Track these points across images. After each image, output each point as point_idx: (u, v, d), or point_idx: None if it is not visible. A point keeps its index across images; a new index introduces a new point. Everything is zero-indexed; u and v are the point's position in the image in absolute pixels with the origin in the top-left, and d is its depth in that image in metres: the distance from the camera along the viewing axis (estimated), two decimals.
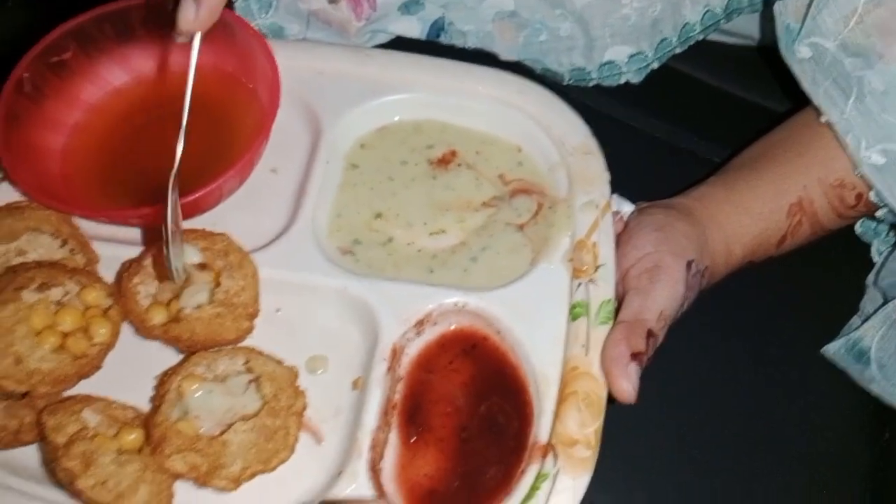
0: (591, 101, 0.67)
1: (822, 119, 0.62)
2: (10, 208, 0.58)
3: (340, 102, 0.66)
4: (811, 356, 0.69)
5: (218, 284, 0.55)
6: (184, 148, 0.54)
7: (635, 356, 0.53)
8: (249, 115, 0.63)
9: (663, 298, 0.56)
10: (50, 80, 0.63)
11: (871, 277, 0.71)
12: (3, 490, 0.52)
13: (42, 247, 0.58)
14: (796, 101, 0.66)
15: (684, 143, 0.77)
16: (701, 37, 0.77)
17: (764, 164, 0.65)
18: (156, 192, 0.60)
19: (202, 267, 0.55)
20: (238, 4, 0.73)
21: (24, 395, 0.52)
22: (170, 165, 0.52)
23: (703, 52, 0.78)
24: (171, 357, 0.57)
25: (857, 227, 0.71)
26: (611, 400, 0.55)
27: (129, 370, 0.56)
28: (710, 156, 0.74)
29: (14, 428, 0.52)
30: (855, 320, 0.70)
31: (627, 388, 0.52)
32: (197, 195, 0.56)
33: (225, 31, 0.63)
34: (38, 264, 0.54)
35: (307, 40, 0.74)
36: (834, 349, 0.68)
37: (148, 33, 0.66)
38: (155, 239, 0.59)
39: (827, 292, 0.73)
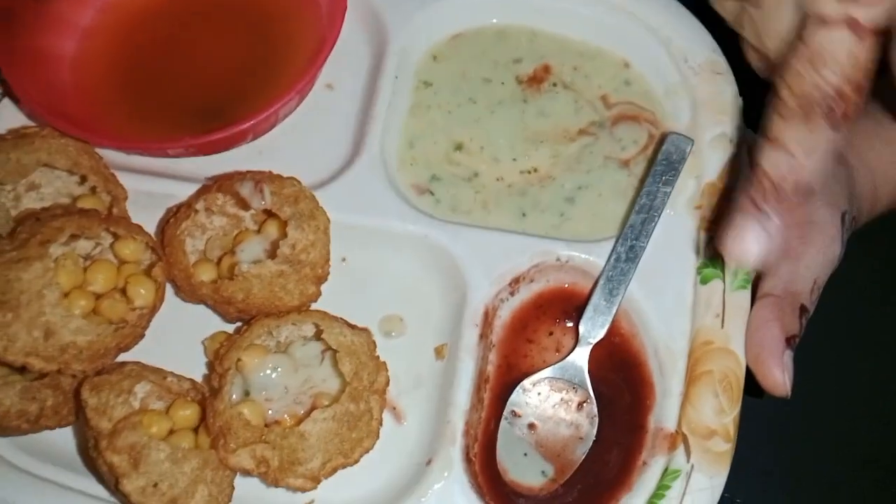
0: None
1: None
2: (17, 137, 0.46)
3: (408, 1, 0.55)
4: None
5: (284, 236, 0.45)
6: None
7: (789, 340, 0.44)
8: (305, 18, 0.51)
9: (817, 264, 0.46)
10: None
11: None
12: (30, 479, 0.44)
13: (57, 181, 0.47)
14: None
15: None
16: None
17: None
18: (193, 110, 0.49)
19: (268, 214, 0.45)
20: None
21: (44, 373, 0.43)
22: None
23: None
24: (217, 323, 0.48)
25: None
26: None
27: (170, 338, 0.47)
28: None
29: (34, 413, 0.43)
30: None
31: (783, 381, 0.43)
32: (253, 121, 0.45)
33: None
34: (66, 210, 0.43)
35: None
36: None
37: None
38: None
39: None
